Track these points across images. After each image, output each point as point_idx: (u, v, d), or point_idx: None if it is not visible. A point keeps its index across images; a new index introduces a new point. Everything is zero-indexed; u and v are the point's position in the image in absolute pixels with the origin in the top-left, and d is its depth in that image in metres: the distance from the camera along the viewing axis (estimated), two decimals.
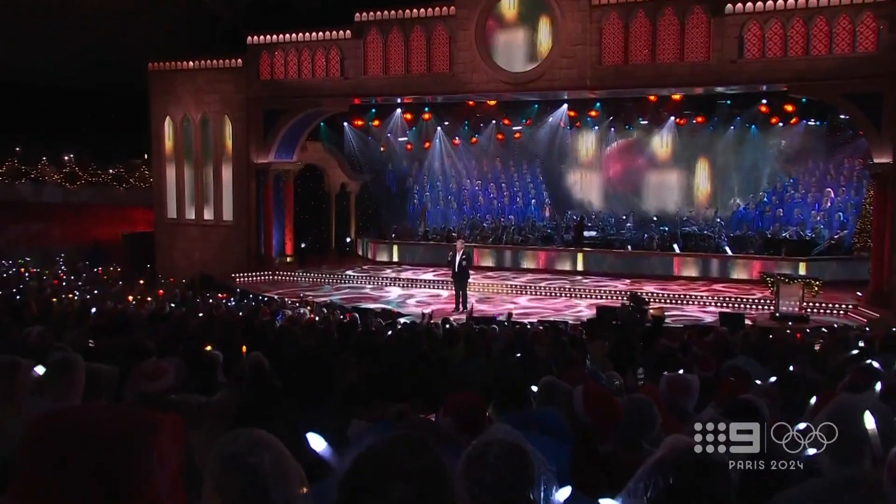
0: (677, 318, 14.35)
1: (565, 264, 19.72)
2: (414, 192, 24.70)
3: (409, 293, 17.80)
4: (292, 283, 19.65)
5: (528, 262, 20.09)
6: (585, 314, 14.46)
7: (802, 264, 16.90)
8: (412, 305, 16.04)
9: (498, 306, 15.60)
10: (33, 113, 25.62)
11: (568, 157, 23.45)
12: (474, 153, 24.73)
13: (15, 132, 26.09)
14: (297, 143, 21.46)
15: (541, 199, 23.68)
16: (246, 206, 20.93)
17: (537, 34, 17.79)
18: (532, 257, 20.08)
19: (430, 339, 8.17)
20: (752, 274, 17.58)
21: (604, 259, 19.36)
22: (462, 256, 14.87)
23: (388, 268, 20.90)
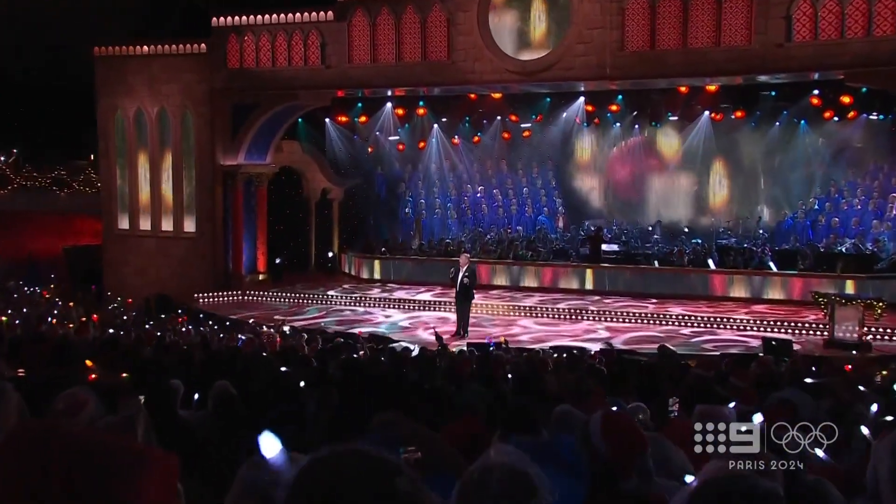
0: (713, 345, 14.40)
1: (582, 282, 19.81)
2: (407, 199, 24.80)
3: (408, 316, 17.87)
4: (265, 304, 19.73)
5: (538, 279, 20.16)
6: (607, 339, 14.47)
7: (862, 283, 16.94)
8: (410, 330, 16.10)
9: (502, 331, 15.64)
10: None
11: (585, 158, 23.58)
12: (477, 154, 24.85)
13: None
14: (270, 143, 21.58)
15: (553, 207, 23.77)
16: (211, 216, 21.01)
17: (549, 16, 17.99)
18: (543, 274, 20.17)
19: (425, 368, 8.21)
20: (801, 294, 17.65)
21: (626, 277, 19.46)
22: (465, 273, 14.91)
23: (376, 287, 20.98)
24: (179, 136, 21.17)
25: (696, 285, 18.76)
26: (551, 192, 24.12)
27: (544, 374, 7.83)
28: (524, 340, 14.70)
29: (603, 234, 21.08)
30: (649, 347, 13.50)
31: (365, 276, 21.96)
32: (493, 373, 8.03)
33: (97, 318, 14.31)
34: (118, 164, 21.87)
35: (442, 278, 18.07)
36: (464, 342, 13.80)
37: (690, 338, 15.27)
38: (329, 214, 24.52)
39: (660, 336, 15.32)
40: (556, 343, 14.19)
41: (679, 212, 22.48)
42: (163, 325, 14.20)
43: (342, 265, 23.71)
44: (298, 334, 13.32)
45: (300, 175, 24.22)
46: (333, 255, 24.14)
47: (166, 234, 21.52)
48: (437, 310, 18.22)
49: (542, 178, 24.37)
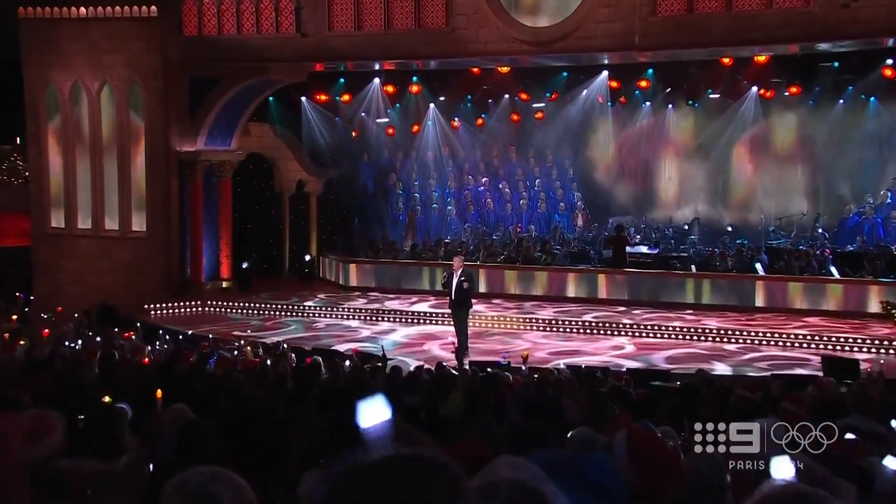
0: (762, 364, 14.46)
1: (605, 291, 19.87)
2: (398, 192, 24.86)
3: (395, 328, 17.93)
4: (230, 316, 19.82)
5: (553, 287, 20.22)
6: (628, 359, 14.58)
7: None
8: (408, 346, 16.18)
9: (509, 347, 15.66)
10: None
11: (609, 144, 23.65)
12: (480, 140, 24.89)
13: None
14: (236, 125, 21.64)
15: (571, 202, 23.83)
16: (164, 212, 21.04)
17: None
18: (559, 281, 20.22)
19: (421, 390, 8.26)
20: (869, 305, 17.70)
21: (658, 284, 19.52)
22: (461, 279, 14.97)
23: (362, 295, 21.04)
24: (126, 116, 21.15)
25: (741, 294, 18.81)
26: (568, 185, 24.15)
27: (559, 397, 7.86)
28: (536, 358, 14.72)
29: (630, 233, 21.12)
30: (683, 367, 13.54)
31: (349, 283, 22.02)
32: (499, 396, 8.12)
33: (27, 334, 14.31)
34: (51, 151, 21.87)
35: (439, 285, 18.12)
36: (465, 360, 13.79)
37: (735, 355, 15.31)
38: (306, 211, 24.54)
39: (700, 354, 15.38)
40: (575, 361, 14.23)
41: (721, 207, 22.55)
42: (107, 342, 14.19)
43: (321, 270, 23.75)
44: (271, 351, 13.38)
45: (271, 164, 24.24)
46: (311, 258, 24.19)
47: (110, 233, 21.52)
48: (436, 322, 18.26)
49: (557, 167, 24.41)
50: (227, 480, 1.91)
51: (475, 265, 19.72)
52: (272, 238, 24.32)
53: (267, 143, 23.80)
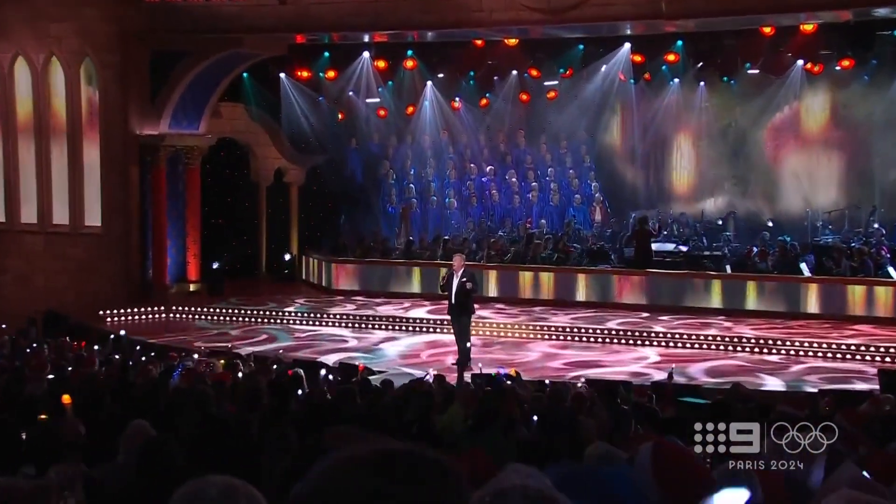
0: (809, 376, 14.46)
1: (626, 294, 19.84)
2: (390, 182, 24.82)
3: (391, 339, 17.93)
4: (198, 324, 19.76)
5: (568, 290, 20.20)
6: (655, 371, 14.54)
7: None
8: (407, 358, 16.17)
9: (514, 357, 15.60)
10: None
11: (631, 127, 23.57)
12: (485, 122, 24.79)
13: None
14: (205, 106, 21.60)
15: (587, 193, 23.77)
16: (123, 205, 20.99)
17: None
18: (574, 283, 20.20)
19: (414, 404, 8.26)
20: None
21: (687, 286, 19.47)
22: (462, 280, 14.98)
23: (346, 300, 20.98)
24: (77, 94, 21.08)
25: (784, 298, 18.76)
26: (585, 174, 24.09)
27: (575, 414, 7.88)
28: (549, 370, 14.72)
29: (655, 229, 21.09)
30: (719, 381, 13.49)
31: (334, 286, 21.97)
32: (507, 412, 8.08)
33: None
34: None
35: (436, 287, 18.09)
36: (466, 372, 13.77)
37: (779, 368, 15.26)
38: (285, 203, 24.48)
39: (738, 367, 15.33)
40: (593, 373, 14.20)
41: (761, 200, 22.48)
42: (57, 352, 14.17)
43: (303, 271, 23.69)
44: (246, 363, 13.40)
45: (246, 150, 24.19)
46: (292, 257, 24.16)
47: (59, 228, 21.47)
48: (436, 330, 18.23)
49: (572, 154, 24.34)
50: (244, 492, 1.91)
51: (478, 265, 19.67)
52: (247, 235, 24.25)
53: (241, 127, 23.74)
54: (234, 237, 24.00)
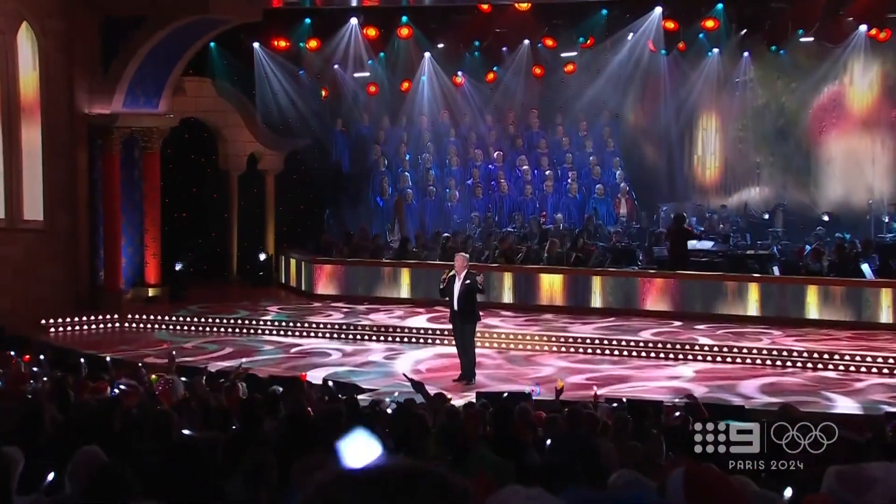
0: (877, 395, 14.41)
1: (654, 300, 19.84)
2: (382, 170, 24.81)
3: (389, 353, 17.86)
4: (158, 335, 19.69)
5: (588, 295, 20.21)
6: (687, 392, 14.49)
7: None
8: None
9: (525, 373, 15.59)
10: None
11: (664, 105, 23.58)
12: (493, 101, 24.81)
13: None
14: (165, 81, 21.51)
15: (611, 182, 23.80)
16: (69, 196, 20.94)
17: None
18: (595, 287, 20.19)
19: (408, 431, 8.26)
20: None
21: (728, 291, 19.42)
22: (465, 283, 14.99)
23: (325, 306, 21.00)
24: (14, 67, 20.96)
25: (842, 304, 18.73)
26: (608, 160, 24.11)
27: (596, 438, 7.88)
28: (568, 389, 14.58)
29: (691, 224, 21.03)
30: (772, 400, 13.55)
31: (316, 291, 21.99)
32: (518, 436, 8.10)
33: None
34: None
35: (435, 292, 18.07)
36: (472, 391, 13.75)
37: (841, 387, 15.20)
38: (260, 195, 24.51)
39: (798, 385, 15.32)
40: (617, 390, 14.21)
41: (814, 190, 22.49)
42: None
43: (281, 273, 23.71)
44: (212, 380, 13.38)
45: (214, 133, 24.19)
46: (268, 257, 24.21)
47: None
48: (437, 341, 18.22)
49: (594, 137, 24.36)
50: None
51: (484, 266, 19.65)
52: (215, 231, 24.29)
53: (208, 105, 23.73)
54: (201, 234, 24.02)
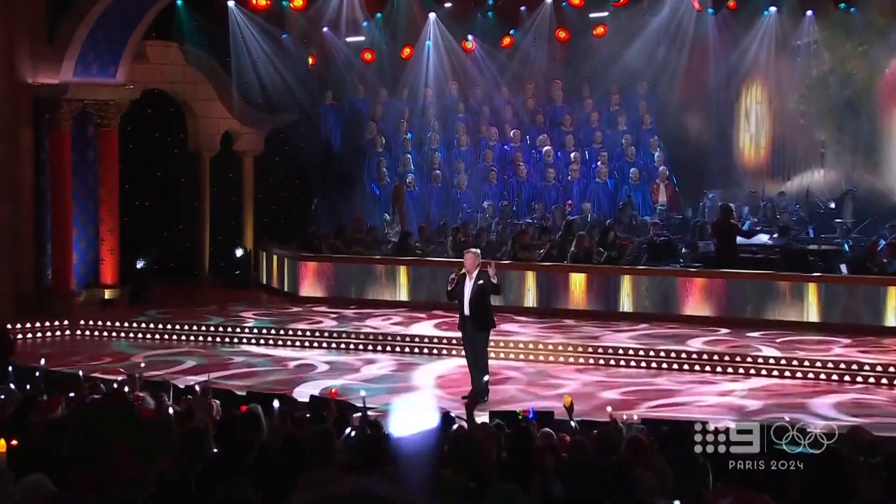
0: None
1: (696, 303, 19.79)
2: (379, 151, 24.80)
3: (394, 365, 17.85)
4: (114, 345, 19.56)
5: (620, 298, 20.22)
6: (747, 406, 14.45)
7: None
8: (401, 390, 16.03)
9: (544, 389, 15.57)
10: None
11: (710, 74, 23.55)
12: (508, 70, 24.84)
13: None
14: (124, 46, 21.48)
15: (648, 166, 23.80)
16: (10, 182, 20.85)
17: None
18: (627, 289, 20.17)
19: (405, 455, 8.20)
20: None
21: (787, 293, 19.31)
22: (478, 284, 14.91)
23: (306, 311, 21.02)
24: None
25: None
26: (645, 140, 24.12)
27: (631, 465, 7.81)
28: (595, 406, 14.40)
29: (743, 215, 20.95)
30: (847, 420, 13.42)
31: (301, 292, 22.01)
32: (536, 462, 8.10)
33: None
34: None
35: (439, 295, 18.04)
36: (484, 410, 13.49)
37: None
38: (237, 180, 24.60)
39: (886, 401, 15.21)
40: (654, 409, 14.19)
41: (889, 173, 22.46)
42: None
43: (261, 272, 23.80)
44: (180, 397, 13.34)
45: (182, 107, 24.21)
46: (245, 253, 24.26)
47: None
48: (446, 352, 18.22)
49: (627, 113, 24.36)
50: None
51: (500, 265, 19.47)
52: (184, 222, 24.28)
53: (175, 75, 23.76)
54: (166, 226, 24.02)
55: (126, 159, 22.25)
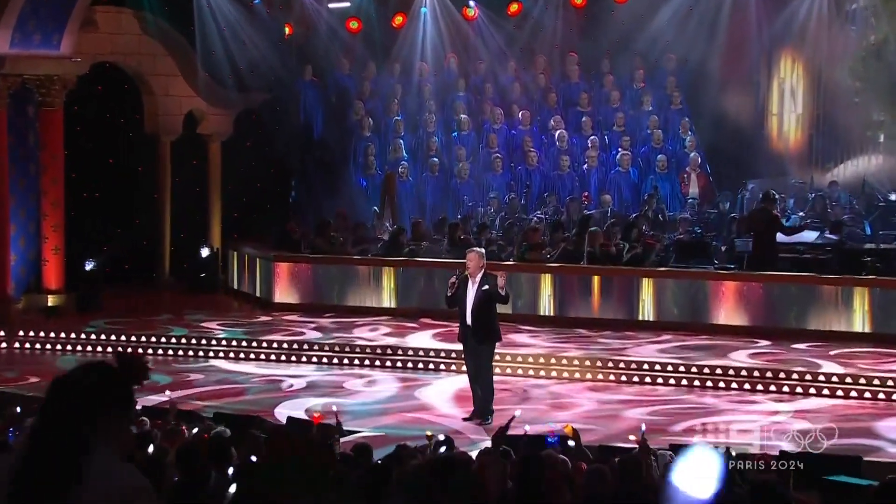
0: None
1: (731, 310, 19.78)
2: (366, 135, 24.82)
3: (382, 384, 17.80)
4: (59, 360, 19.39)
5: (637, 304, 20.25)
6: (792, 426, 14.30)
7: None
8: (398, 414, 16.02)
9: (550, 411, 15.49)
10: None
11: (750, 46, 23.56)
12: (516, 41, 24.94)
13: None
14: (69, 13, 21.42)
15: (676, 151, 23.86)
16: None
17: None
18: (648, 294, 20.21)
19: None
20: None
21: (829, 298, 19.31)
22: (483, 289, 14.81)
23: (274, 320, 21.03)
24: None
25: None
26: (674, 122, 24.19)
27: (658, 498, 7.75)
28: (618, 432, 14.40)
29: (787, 209, 20.96)
30: None
31: (275, 298, 22.04)
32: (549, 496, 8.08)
33: None
34: None
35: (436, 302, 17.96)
36: (488, 433, 13.62)
37: None
38: (201, 168, 24.66)
39: None
40: (686, 434, 14.07)
41: None
42: None
43: (231, 274, 23.94)
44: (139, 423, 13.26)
45: (138, 83, 24.21)
46: (211, 252, 24.29)
47: None
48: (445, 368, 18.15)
49: (654, 91, 24.43)
50: None
51: (507, 266, 19.36)
52: (140, 217, 24.23)
53: (129, 45, 23.74)
54: (120, 222, 23.97)
55: (73, 144, 22.28)
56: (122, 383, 3.88)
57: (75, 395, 3.81)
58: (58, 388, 3.81)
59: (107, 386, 3.85)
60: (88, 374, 3.87)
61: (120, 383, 3.88)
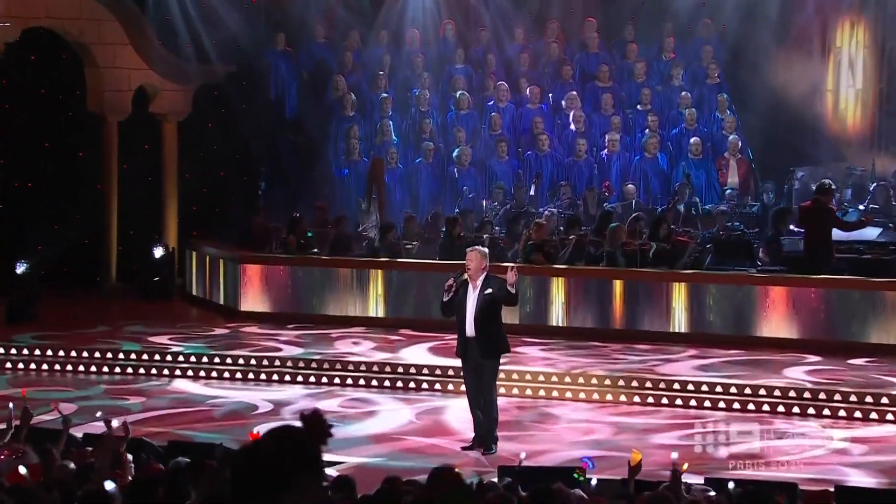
0: None
1: (777, 320, 19.82)
2: (349, 115, 24.96)
3: None
4: None
5: (665, 311, 20.34)
6: None
7: None
8: None
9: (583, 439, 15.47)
10: None
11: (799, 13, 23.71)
12: (524, 6, 25.23)
13: None
14: None
15: (713, 134, 23.99)
16: None
17: None
18: (679, 300, 20.29)
19: None
20: None
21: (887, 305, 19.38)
22: (486, 294, 14.84)
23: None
24: None
25: None
26: (710, 99, 24.31)
27: None
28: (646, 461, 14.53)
29: (844, 201, 21.15)
30: None
31: (241, 306, 22.15)
32: None
33: None
34: None
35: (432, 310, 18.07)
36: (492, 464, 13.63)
37: None
38: (155, 154, 24.78)
39: None
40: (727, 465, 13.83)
41: None
42: None
43: (189, 278, 24.10)
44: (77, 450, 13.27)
45: (80, 53, 24.28)
46: (166, 252, 24.36)
47: None
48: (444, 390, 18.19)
49: (686, 63, 24.64)
50: None
51: (506, 262, 19.39)
52: (82, 212, 24.24)
53: (68, 8, 23.80)
54: (58, 216, 24.05)
55: (1, 123, 22.25)
56: (310, 445, 4.01)
57: (268, 468, 3.96)
58: (249, 458, 3.94)
59: (297, 453, 3.96)
60: (281, 442, 4.01)
61: (307, 445, 4.01)
